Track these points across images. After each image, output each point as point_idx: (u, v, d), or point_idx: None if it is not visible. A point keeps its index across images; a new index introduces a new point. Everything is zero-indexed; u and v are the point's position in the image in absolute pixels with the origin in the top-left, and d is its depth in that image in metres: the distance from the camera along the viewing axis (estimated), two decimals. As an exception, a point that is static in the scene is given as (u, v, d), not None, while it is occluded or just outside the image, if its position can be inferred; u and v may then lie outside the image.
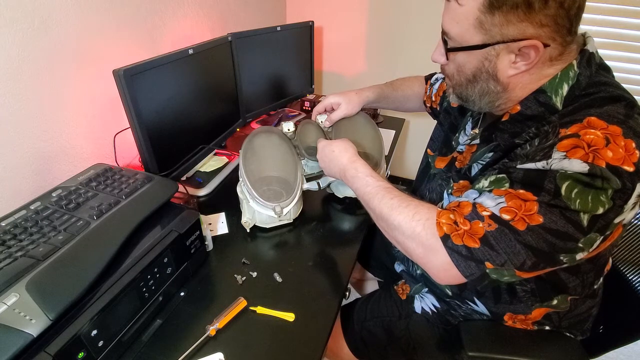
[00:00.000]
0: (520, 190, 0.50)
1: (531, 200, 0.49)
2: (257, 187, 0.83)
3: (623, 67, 1.33)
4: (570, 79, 0.54)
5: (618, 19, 1.27)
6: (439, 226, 0.55)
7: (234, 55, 1.10)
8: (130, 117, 0.77)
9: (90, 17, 0.83)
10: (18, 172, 0.76)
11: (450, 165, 0.74)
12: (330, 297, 0.70)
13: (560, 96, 0.54)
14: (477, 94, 0.59)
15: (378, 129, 0.97)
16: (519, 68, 0.53)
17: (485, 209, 0.52)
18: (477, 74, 0.57)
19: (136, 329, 0.60)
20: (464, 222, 0.53)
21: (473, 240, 0.52)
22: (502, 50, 0.52)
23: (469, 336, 0.67)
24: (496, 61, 0.54)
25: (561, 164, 0.48)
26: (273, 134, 0.89)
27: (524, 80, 0.55)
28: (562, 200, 0.47)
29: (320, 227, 0.88)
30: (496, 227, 0.51)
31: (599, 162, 0.46)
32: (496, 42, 0.52)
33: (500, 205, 0.51)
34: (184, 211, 0.70)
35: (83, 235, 0.58)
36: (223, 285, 0.72)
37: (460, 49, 0.56)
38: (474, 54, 0.55)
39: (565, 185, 0.47)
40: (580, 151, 0.47)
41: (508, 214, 0.50)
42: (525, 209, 0.49)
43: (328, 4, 1.60)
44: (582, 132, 0.48)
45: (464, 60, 0.57)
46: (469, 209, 0.54)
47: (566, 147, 0.48)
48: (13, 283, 0.49)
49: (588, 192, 0.46)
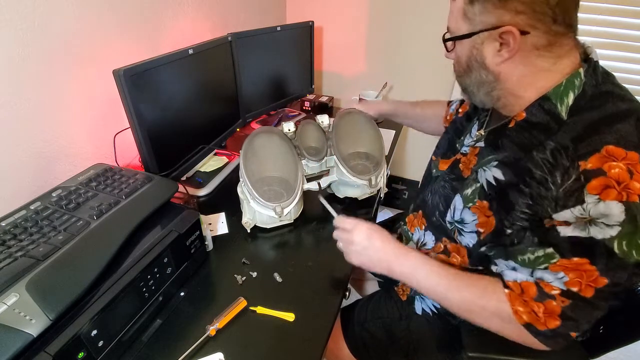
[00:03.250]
0: (574, 259, 0.51)
1: (590, 269, 0.50)
2: (258, 188, 0.83)
3: (623, 67, 1.33)
4: (576, 88, 0.54)
5: (618, 19, 1.27)
6: (517, 314, 0.56)
7: (234, 55, 1.10)
8: (130, 117, 0.77)
9: (91, 18, 0.83)
10: (18, 172, 0.76)
11: (453, 166, 0.73)
12: (330, 297, 0.70)
13: (566, 105, 0.54)
14: (474, 84, 0.61)
15: (378, 129, 0.97)
16: (503, 56, 0.55)
17: (552, 287, 0.53)
18: (469, 64, 0.59)
19: (136, 329, 0.60)
20: (538, 307, 0.54)
21: (553, 319, 0.54)
22: (486, 39, 0.55)
23: (469, 336, 0.67)
24: (482, 49, 0.56)
25: (597, 209, 0.47)
26: (273, 134, 0.89)
27: (517, 72, 0.56)
28: (619, 257, 0.48)
29: (321, 227, 0.88)
30: (570, 302, 0.52)
31: (633, 198, 0.46)
32: (479, 30, 0.55)
33: (562, 280, 0.52)
34: (184, 211, 0.70)
35: (83, 235, 0.58)
36: (223, 285, 0.72)
37: (451, 39, 0.61)
38: (464, 43, 0.58)
39: (616, 244, 0.47)
40: (613, 192, 0.46)
41: (574, 285, 0.51)
42: (587, 276, 0.50)
43: (328, 4, 1.60)
44: (606, 167, 0.47)
45: (459, 51, 0.61)
46: (534, 289, 0.55)
47: (598, 189, 0.47)
48: (13, 283, 0.49)
49: (636, 238, 0.47)
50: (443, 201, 0.72)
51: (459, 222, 0.67)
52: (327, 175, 0.93)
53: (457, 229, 0.68)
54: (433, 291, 0.64)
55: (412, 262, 0.66)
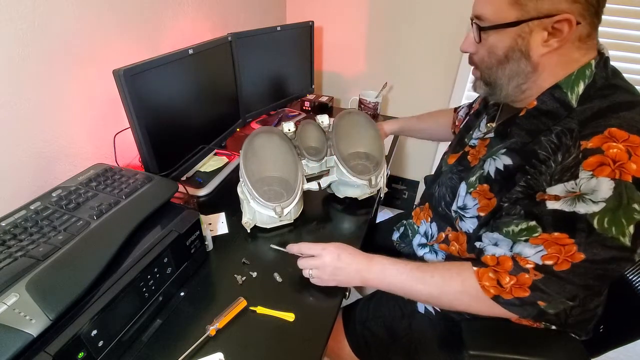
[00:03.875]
0: (555, 233, 0.52)
1: (569, 243, 0.51)
2: (258, 188, 0.83)
3: (623, 67, 1.33)
4: (587, 77, 0.55)
5: (618, 19, 1.27)
6: (485, 289, 0.58)
7: (234, 55, 1.10)
8: (130, 117, 0.77)
9: (91, 18, 0.83)
10: (18, 172, 0.76)
11: (461, 159, 0.74)
12: (330, 297, 0.70)
13: (576, 94, 0.55)
14: (506, 76, 0.59)
15: (378, 129, 0.97)
16: (551, 45, 0.54)
17: (527, 261, 0.54)
18: (509, 54, 0.57)
19: (136, 329, 0.60)
20: (510, 279, 0.56)
21: (522, 290, 0.55)
22: (536, 27, 0.53)
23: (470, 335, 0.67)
24: (529, 38, 0.54)
25: (589, 184, 0.48)
26: (273, 134, 0.89)
27: (553, 62, 0.56)
28: (598, 233, 0.49)
29: (321, 227, 0.88)
30: (542, 276, 0.54)
31: (625, 177, 0.47)
32: (530, 18, 0.53)
33: (540, 253, 0.53)
34: (184, 211, 0.70)
35: (83, 235, 0.58)
36: (223, 285, 0.72)
37: (495, 27, 0.56)
38: (507, 32, 0.55)
39: (596, 220, 0.48)
40: (607, 168, 0.47)
41: (550, 259, 0.53)
42: (565, 251, 0.51)
43: (328, 4, 1.60)
44: (605, 147, 0.48)
45: (497, 40, 0.57)
46: (510, 263, 0.56)
47: (592, 166, 0.48)
48: (13, 283, 0.49)
49: (619, 214, 0.47)
50: (450, 192, 0.74)
51: (461, 208, 0.69)
52: (327, 175, 0.93)
53: (460, 216, 0.69)
54: (402, 287, 0.65)
55: (379, 266, 0.67)
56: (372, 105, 1.50)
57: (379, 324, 0.82)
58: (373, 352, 0.82)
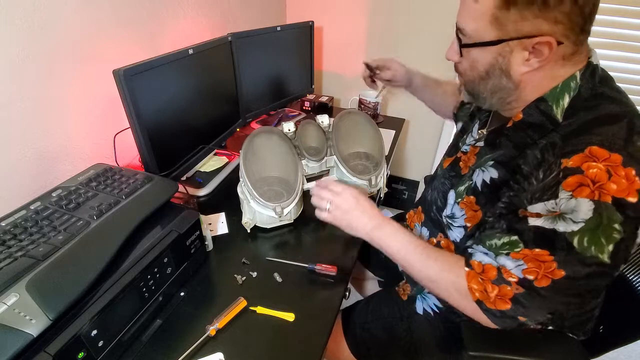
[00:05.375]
0: (536, 249, 0.52)
1: (549, 260, 0.51)
2: (258, 188, 0.83)
3: (623, 67, 1.33)
4: (572, 90, 0.54)
5: (618, 19, 1.27)
6: (472, 291, 0.58)
7: (234, 55, 1.10)
8: (130, 117, 0.77)
9: (91, 17, 0.83)
10: (18, 172, 0.76)
11: (453, 164, 0.74)
12: (330, 297, 0.70)
13: (562, 108, 0.54)
14: (488, 91, 0.59)
15: (378, 129, 0.97)
16: (532, 65, 0.53)
17: (511, 274, 0.54)
18: (490, 70, 0.57)
19: (136, 329, 0.60)
20: (492, 288, 0.56)
21: (504, 302, 0.55)
22: (516, 47, 0.52)
23: (470, 336, 0.67)
24: (510, 57, 0.54)
25: (568, 204, 0.48)
26: (273, 134, 0.89)
27: (536, 79, 0.55)
28: (577, 252, 0.49)
29: (321, 227, 0.88)
30: (523, 290, 0.54)
31: (605, 198, 0.46)
32: (510, 38, 0.52)
33: (521, 267, 0.53)
34: (184, 211, 0.70)
35: (83, 235, 0.58)
36: (223, 285, 0.72)
37: (474, 45, 0.56)
38: (488, 50, 0.55)
39: (576, 239, 0.49)
40: (586, 189, 0.47)
41: (531, 274, 0.53)
42: (545, 267, 0.51)
43: (328, 4, 1.60)
44: (585, 166, 0.48)
45: (478, 57, 0.57)
46: (494, 273, 0.56)
47: (572, 186, 0.48)
48: (13, 283, 0.49)
49: (598, 233, 0.47)
50: (441, 197, 0.74)
51: (450, 216, 0.69)
52: (327, 175, 0.93)
53: (449, 224, 0.70)
54: (403, 257, 0.65)
55: (392, 228, 0.67)
56: (372, 105, 1.50)
57: (378, 326, 0.82)
58: (372, 354, 0.82)
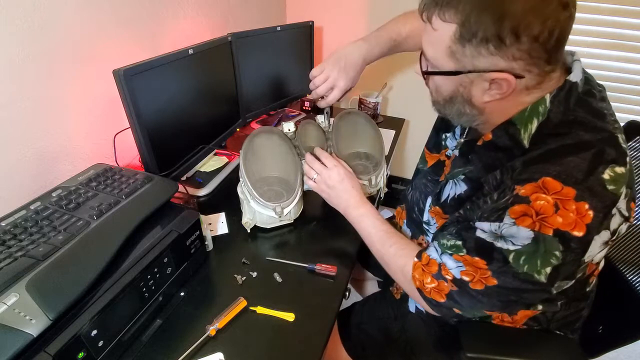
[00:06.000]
0: (475, 257, 0.55)
1: (484, 268, 0.54)
2: (258, 188, 0.83)
3: (623, 67, 1.33)
4: (540, 115, 0.52)
5: (618, 19, 1.27)
6: (414, 279, 0.63)
7: (234, 55, 1.10)
8: (130, 117, 0.77)
9: (91, 17, 0.83)
10: (18, 172, 0.76)
11: (437, 168, 0.75)
12: (330, 297, 0.70)
13: (529, 133, 0.53)
14: (454, 114, 0.59)
15: (378, 129, 0.97)
16: (493, 96, 0.52)
17: (449, 272, 0.58)
18: (453, 97, 0.56)
19: (136, 329, 0.60)
20: (431, 281, 0.61)
21: (440, 295, 0.60)
22: (476, 79, 0.52)
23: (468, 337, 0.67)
24: (470, 88, 0.53)
25: (510, 230, 0.50)
26: (273, 134, 0.89)
27: (501, 106, 0.55)
28: (511, 266, 0.51)
29: (321, 228, 0.88)
30: (457, 289, 0.58)
31: (545, 231, 0.48)
32: (468, 71, 0.51)
33: (459, 268, 0.57)
34: (184, 211, 0.70)
35: (83, 235, 0.58)
36: (223, 285, 0.72)
37: (435, 73, 0.56)
38: (449, 78, 0.54)
39: (512, 256, 0.51)
40: (528, 220, 0.49)
41: (467, 276, 0.56)
42: (480, 273, 0.55)
43: (328, 4, 1.60)
44: (534, 197, 0.48)
45: (441, 83, 0.57)
46: (436, 268, 0.60)
47: (516, 214, 0.50)
48: (13, 283, 0.49)
49: (535, 258, 0.50)
50: (423, 199, 0.74)
51: (426, 223, 0.72)
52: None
53: (425, 230, 0.72)
54: (368, 238, 0.73)
55: (364, 211, 0.74)
56: (372, 105, 1.50)
57: (374, 326, 0.82)
58: (368, 354, 0.82)
